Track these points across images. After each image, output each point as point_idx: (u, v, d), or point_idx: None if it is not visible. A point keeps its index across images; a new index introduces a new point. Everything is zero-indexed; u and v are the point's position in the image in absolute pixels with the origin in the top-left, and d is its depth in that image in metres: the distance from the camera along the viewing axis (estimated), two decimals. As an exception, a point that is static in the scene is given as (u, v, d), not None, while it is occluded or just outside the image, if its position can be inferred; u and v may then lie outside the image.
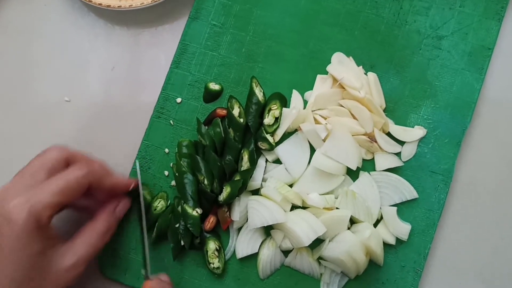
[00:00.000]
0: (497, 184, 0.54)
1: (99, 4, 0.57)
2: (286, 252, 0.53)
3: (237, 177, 0.52)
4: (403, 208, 0.53)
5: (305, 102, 0.55)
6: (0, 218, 0.44)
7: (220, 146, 0.53)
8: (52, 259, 0.46)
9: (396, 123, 0.54)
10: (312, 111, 0.54)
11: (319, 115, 0.54)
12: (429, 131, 0.53)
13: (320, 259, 0.52)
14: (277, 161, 0.54)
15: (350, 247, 0.50)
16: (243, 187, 0.52)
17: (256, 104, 0.54)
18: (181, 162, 0.53)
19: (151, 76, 0.52)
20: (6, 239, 0.43)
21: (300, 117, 0.54)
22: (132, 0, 0.57)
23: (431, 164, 0.53)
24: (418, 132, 0.53)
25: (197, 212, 0.52)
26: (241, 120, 0.53)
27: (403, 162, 0.53)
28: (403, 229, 0.52)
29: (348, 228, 0.52)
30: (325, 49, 0.56)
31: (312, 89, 0.55)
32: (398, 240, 0.52)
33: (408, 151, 0.53)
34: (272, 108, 0.54)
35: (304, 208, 0.53)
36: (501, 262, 0.53)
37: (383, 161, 0.53)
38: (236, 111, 0.53)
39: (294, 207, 0.53)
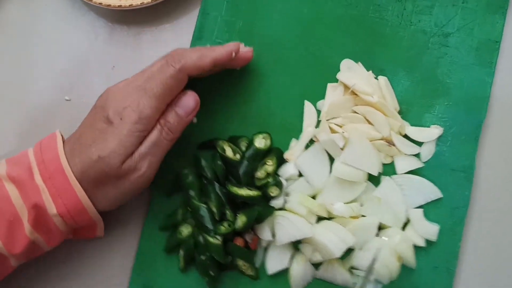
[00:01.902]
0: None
1: (99, 3, 0.56)
2: (316, 265, 0.53)
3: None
4: (429, 209, 0.52)
5: (318, 112, 0.55)
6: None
7: (223, 177, 0.53)
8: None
9: (411, 125, 0.54)
10: (326, 120, 0.54)
11: (334, 124, 0.54)
12: (446, 129, 0.53)
13: (351, 268, 0.52)
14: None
15: (381, 254, 0.50)
16: (259, 217, 0.51)
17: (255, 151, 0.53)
18: (191, 193, 0.53)
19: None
20: (105, 129, 0.46)
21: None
22: (132, -1, 0.56)
23: (451, 162, 0.53)
24: (435, 131, 0.53)
25: (217, 239, 0.51)
26: (237, 156, 0.52)
27: (423, 162, 0.53)
28: (431, 229, 0.52)
29: (376, 235, 0.52)
30: (333, 56, 0.55)
31: (323, 98, 0.55)
32: (427, 242, 0.52)
33: (427, 151, 0.53)
34: (267, 163, 0.53)
35: (329, 219, 0.52)
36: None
37: (403, 164, 0.53)
38: (229, 152, 0.53)
39: (319, 218, 0.53)
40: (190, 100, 0.49)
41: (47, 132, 0.56)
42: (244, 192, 0.51)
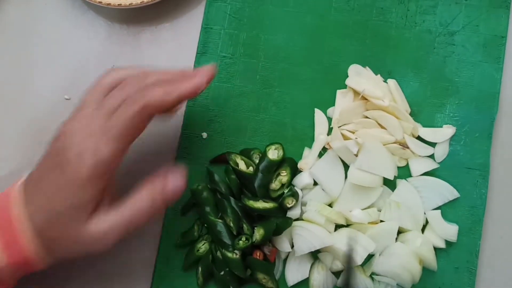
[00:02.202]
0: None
1: (99, 2, 0.56)
2: (336, 273, 0.52)
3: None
4: (446, 209, 0.52)
5: (329, 119, 0.54)
6: (67, 157, 0.43)
7: (237, 191, 0.53)
8: (92, 214, 0.44)
9: (423, 126, 0.54)
10: (338, 127, 0.53)
11: (346, 130, 0.53)
12: (458, 128, 0.53)
13: (373, 274, 0.51)
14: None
15: (403, 258, 0.49)
16: (277, 229, 0.51)
17: (268, 163, 0.52)
18: (206, 209, 0.53)
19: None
20: (65, 176, 0.43)
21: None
22: (132, -2, 0.56)
23: (466, 160, 0.53)
24: (447, 131, 0.53)
25: (236, 254, 0.51)
26: (250, 169, 0.52)
27: (438, 163, 0.53)
28: (451, 230, 0.51)
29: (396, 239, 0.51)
30: (340, 62, 0.55)
31: (333, 105, 0.55)
32: (447, 242, 0.52)
33: (441, 152, 0.53)
34: (281, 174, 0.53)
35: (347, 226, 0.52)
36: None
37: (418, 166, 0.53)
38: (242, 165, 0.52)
39: (337, 226, 0.52)
40: (178, 182, 0.46)
41: (47, 132, 0.56)
42: (260, 205, 0.51)
